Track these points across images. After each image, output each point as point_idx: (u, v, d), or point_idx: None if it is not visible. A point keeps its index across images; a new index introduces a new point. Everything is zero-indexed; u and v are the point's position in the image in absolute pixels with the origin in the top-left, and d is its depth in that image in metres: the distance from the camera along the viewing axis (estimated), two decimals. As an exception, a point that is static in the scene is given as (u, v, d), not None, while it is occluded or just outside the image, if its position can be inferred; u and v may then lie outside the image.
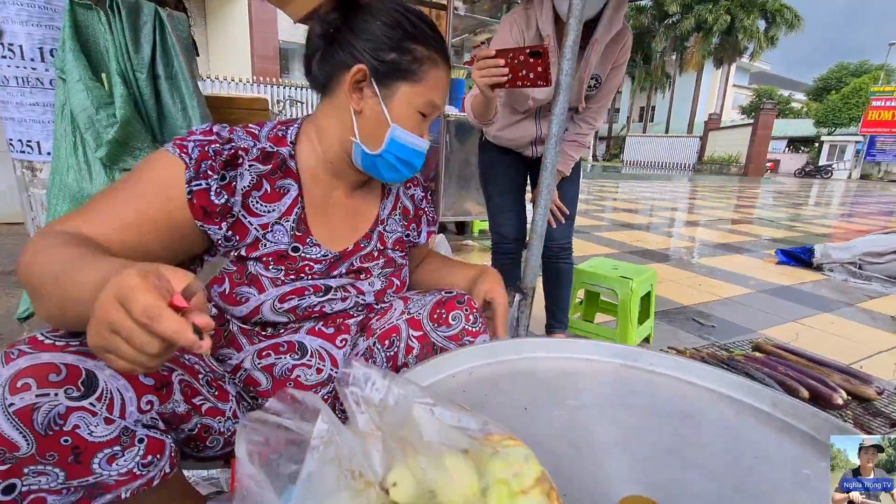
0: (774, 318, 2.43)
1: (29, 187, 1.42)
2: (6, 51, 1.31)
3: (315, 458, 0.29)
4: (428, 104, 0.75)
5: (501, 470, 0.38)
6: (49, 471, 0.49)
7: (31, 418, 0.46)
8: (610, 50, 1.42)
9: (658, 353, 0.78)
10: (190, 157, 0.67)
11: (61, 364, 0.49)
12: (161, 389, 0.59)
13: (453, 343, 0.80)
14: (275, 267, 0.74)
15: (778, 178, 23.22)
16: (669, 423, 0.63)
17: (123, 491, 0.56)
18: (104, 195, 0.65)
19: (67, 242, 0.54)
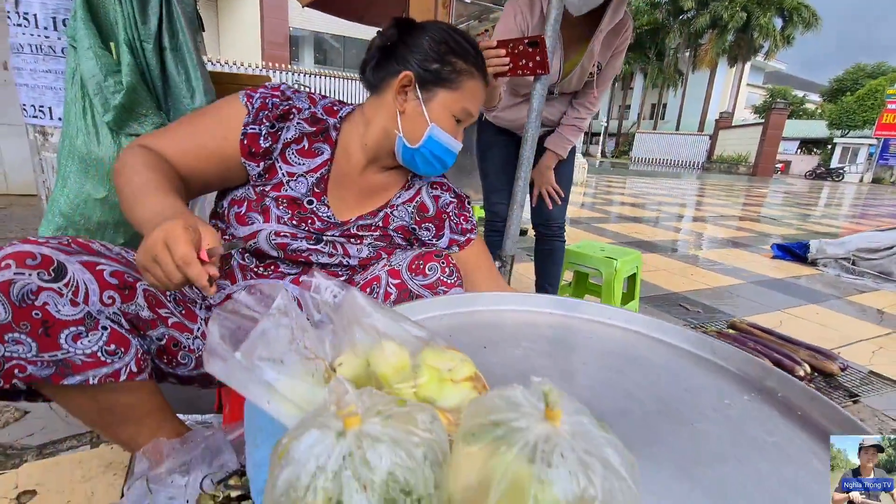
0: (761, 307, 2.48)
1: (41, 151, 1.50)
2: (21, 19, 1.38)
3: (270, 320, 0.35)
4: (463, 111, 0.86)
5: (434, 359, 0.45)
6: (24, 339, 0.60)
7: (9, 291, 0.58)
8: (611, 37, 1.46)
9: (615, 308, 0.84)
10: (252, 106, 0.82)
11: (38, 253, 0.61)
12: (123, 290, 0.69)
13: (428, 291, 0.86)
14: (285, 208, 0.85)
15: (788, 179, 22.98)
16: (614, 363, 0.70)
17: (91, 375, 0.66)
18: (182, 123, 0.82)
19: (148, 164, 0.72)
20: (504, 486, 0.24)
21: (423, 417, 0.28)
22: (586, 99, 1.61)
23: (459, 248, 0.99)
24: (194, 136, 0.80)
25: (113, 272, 0.68)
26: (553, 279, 1.84)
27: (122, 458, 1.01)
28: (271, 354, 0.35)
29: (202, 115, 0.83)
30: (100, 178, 1.32)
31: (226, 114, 0.82)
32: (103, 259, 0.69)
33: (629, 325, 0.82)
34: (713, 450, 0.51)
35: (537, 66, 1.09)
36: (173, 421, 0.85)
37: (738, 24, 24.22)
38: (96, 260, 0.67)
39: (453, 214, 0.99)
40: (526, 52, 1.08)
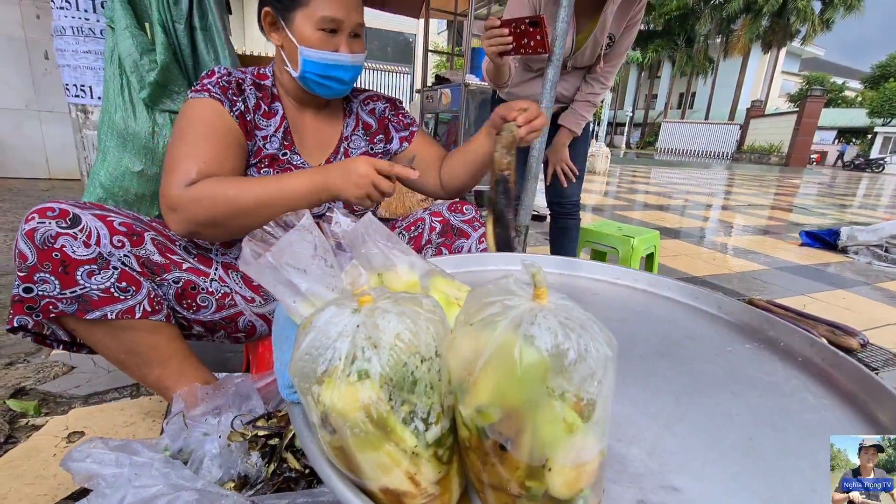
0: (785, 291, 2.43)
1: (82, 129, 1.59)
2: (63, 2, 1.47)
3: (296, 234, 0.40)
4: (322, 20, 0.84)
5: (442, 284, 0.49)
6: (49, 279, 0.71)
7: (34, 237, 0.70)
8: (625, 8, 1.45)
9: (623, 268, 0.86)
10: (219, 94, 0.87)
11: (57, 207, 0.72)
12: (132, 236, 0.78)
13: (467, 225, 0.98)
14: (267, 169, 0.92)
15: (823, 170, 22.06)
16: (617, 315, 0.72)
17: (109, 311, 0.76)
18: (190, 146, 0.83)
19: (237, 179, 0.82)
20: (492, 350, 0.27)
21: (428, 302, 0.32)
22: (600, 74, 1.61)
23: (409, 142, 1.08)
24: (215, 144, 0.83)
25: (122, 223, 0.78)
26: (568, 256, 1.85)
27: (159, 407, 1.09)
28: (296, 262, 0.39)
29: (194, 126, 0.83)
30: (136, 151, 1.40)
31: (206, 114, 0.84)
32: (114, 213, 0.79)
33: (636, 284, 0.84)
34: (709, 383, 0.54)
35: (538, 45, 1.12)
36: (198, 367, 0.92)
37: (773, 9, 23.21)
38: (107, 213, 0.78)
39: (392, 116, 1.08)
40: (527, 32, 1.11)
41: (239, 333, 0.99)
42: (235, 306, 0.94)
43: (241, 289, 0.95)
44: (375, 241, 0.43)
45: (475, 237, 0.97)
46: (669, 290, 0.81)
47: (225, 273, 0.93)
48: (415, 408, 0.29)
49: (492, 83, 1.52)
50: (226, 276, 0.93)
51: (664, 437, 0.44)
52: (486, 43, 1.20)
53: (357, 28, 0.88)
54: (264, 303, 0.98)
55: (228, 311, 0.93)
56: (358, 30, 0.88)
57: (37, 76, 3.49)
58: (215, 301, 0.91)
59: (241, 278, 0.95)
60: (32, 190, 3.31)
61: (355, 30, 0.88)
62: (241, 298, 0.94)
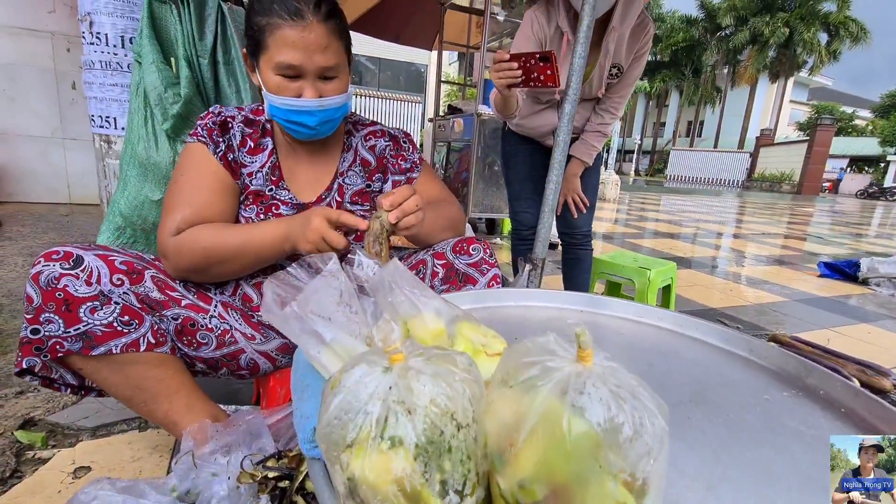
0: (806, 324, 2.36)
1: (105, 158, 1.62)
2: (94, 38, 1.53)
3: (322, 280, 0.39)
4: (279, 66, 0.80)
5: (469, 331, 0.47)
6: (53, 318, 0.72)
7: (39, 280, 0.72)
8: (632, 40, 1.47)
9: (646, 306, 0.84)
10: (205, 137, 0.89)
11: (62, 250, 0.75)
12: (132, 274, 0.80)
13: (474, 269, 0.92)
14: (252, 206, 0.92)
15: (837, 198, 21.86)
16: (644, 357, 0.70)
17: (113, 345, 0.76)
18: (178, 193, 0.86)
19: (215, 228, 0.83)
20: (537, 418, 0.25)
21: (462, 360, 0.30)
22: (609, 104, 1.62)
23: (408, 183, 1.03)
24: (198, 190, 0.86)
25: (123, 261, 0.80)
26: (580, 288, 1.82)
27: (167, 441, 1.06)
28: (321, 311, 0.38)
29: (184, 174, 0.87)
30: (156, 181, 1.42)
31: (196, 159, 0.88)
32: (117, 253, 0.81)
33: (661, 323, 0.81)
34: (749, 437, 0.51)
35: (548, 80, 1.12)
36: (206, 401, 0.90)
37: (779, 40, 23.56)
38: (109, 253, 0.80)
39: (390, 157, 1.03)
40: (537, 66, 1.12)
41: (242, 371, 0.98)
42: (236, 343, 0.93)
43: (240, 326, 0.93)
44: (402, 288, 0.42)
45: (483, 283, 0.92)
46: (697, 331, 0.78)
47: (224, 310, 0.92)
48: (449, 478, 0.27)
49: (500, 114, 1.54)
50: (225, 312, 0.92)
51: (708, 502, 0.41)
52: (494, 75, 1.21)
53: (325, 70, 0.82)
54: (265, 340, 0.97)
55: (229, 349, 0.92)
56: (328, 72, 0.83)
57: (64, 105, 3.61)
58: (215, 338, 0.90)
59: (240, 315, 0.94)
60: (53, 215, 3.38)
61: (324, 73, 0.83)
62: (241, 335, 0.93)
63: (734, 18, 25.04)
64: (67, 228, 3.03)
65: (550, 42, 1.51)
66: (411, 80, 16.55)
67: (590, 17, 1.06)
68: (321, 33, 0.79)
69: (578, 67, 1.09)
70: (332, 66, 0.83)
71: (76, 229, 3.03)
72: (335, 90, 0.85)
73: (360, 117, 1.07)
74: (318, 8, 0.80)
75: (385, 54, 15.75)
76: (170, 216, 0.84)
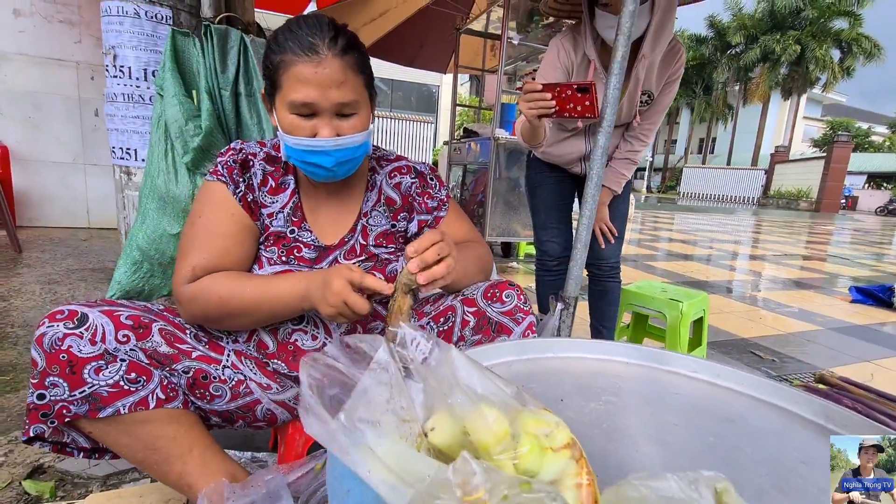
0: (845, 356, 2.24)
1: (124, 189, 1.61)
2: (118, 71, 1.53)
3: (371, 377, 0.33)
4: (292, 105, 0.76)
5: (533, 425, 0.41)
6: (59, 382, 0.68)
7: (43, 343, 0.68)
8: (663, 66, 1.43)
9: (696, 358, 0.77)
10: (225, 176, 0.84)
11: (66, 309, 0.71)
12: (138, 329, 0.75)
13: (507, 318, 0.86)
14: (272, 248, 0.87)
15: (855, 215, 21.42)
16: (708, 424, 0.62)
17: (121, 405, 0.71)
18: (196, 234, 0.83)
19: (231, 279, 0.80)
20: None
21: (557, 506, 0.24)
22: (639, 130, 1.57)
23: (430, 228, 0.97)
24: (216, 236, 0.83)
25: (129, 316, 0.76)
26: (608, 321, 1.75)
27: (179, 495, 1.00)
28: (370, 416, 0.32)
29: (202, 215, 0.84)
30: (175, 214, 1.40)
31: (214, 200, 0.84)
32: (122, 308, 0.77)
33: (719, 381, 0.74)
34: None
35: (586, 111, 1.08)
36: (222, 458, 0.84)
37: (791, 58, 23.49)
38: (115, 308, 0.75)
39: (416, 195, 0.97)
40: (574, 97, 1.08)
41: (259, 422, 0.92)
42: (251, 394, 0.87)
43: (255, 375, 0.88)
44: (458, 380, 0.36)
45: (518, 331, 0.86)
46: (759, 391, 0.70)
47: (238, 359, 0.87)
48: None
49: (527, 143, 1.49)
50: (238, 361, 0.87)
51: None
52: (525, 105, 1.17)
53: (342, 107, 0.78)
54: (282, 389, 0.91)
55: (244, 400, 0.87)
56: (345, 108, 0.78)
57: (86, 132, 3.68)
58: (229, 389, 0.85)
59: (255, 364, 0.89)
60: (72, 240, 3.41)
61: (340, 109, 0.78)
62: (256, 386, 0.88)
63: (744, 37, 25.08)
64: (85, 254, 3.04)
65: (577, 70, 1.48)
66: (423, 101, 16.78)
67: (624, 48, 1.02)
68: (336, 68, 0.75)
69: (613, 99, 1.04)
70: (348, 102, 0.78)
71: (94, 255, 3.04)
72: (353, 128, 0.80)
73: (385, 152, 1.02)
74: (333, 42, 0.76)
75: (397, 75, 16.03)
76: (185, 261, 0.81)
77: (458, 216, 1.02)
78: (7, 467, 1.07)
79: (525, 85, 1.17)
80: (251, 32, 1.61)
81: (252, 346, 0.91)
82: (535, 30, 3.58)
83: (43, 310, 2.03)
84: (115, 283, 1.40)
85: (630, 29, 1.01)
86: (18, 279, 2.42)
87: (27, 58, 3.47)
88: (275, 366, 0.90)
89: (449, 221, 0.99)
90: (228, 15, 1.54)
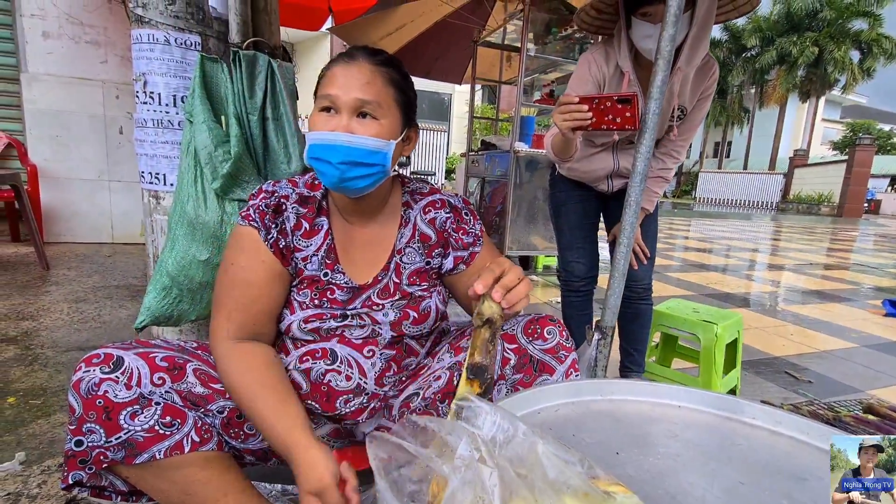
0: (884, 376, 2.15)
1: (152, 213, 1.62)
2: (147, 98, 1.54)
3: (457, 478, 0.31)
4: (319, 100, 0.79)
5: (615, 512, 0.38)
6: (95, 428, 0.68)
7: (80, 388, 0.68)
8: (697, 80, 1.40)
9: (758, 405, 0.73)
10: (256, 221, 0.83)
11: (102, 352, 0.71)
12: (173, 371, 0.76)
13: (549, 356, 0.83)
14: (305, 290, 0.86)
15: (879, 220, 20.85)
16: (778, 484, 0.59)
17: (156, 451, 0.70)
18: (230, 287, 0.82)
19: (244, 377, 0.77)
20: None
21: None
22: (671, 147, 1.53)
23: (466, 266, 0.94)
24: (246, 285, 0.82)
25: (164, 357, 0.76)
26: (639, 344, 1.70)
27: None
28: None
29: (234, 263, 0.83)
30: (204, 240, 1.40)
31: (247, 245, 0.83)
32: (157, 349, 0.76)
33: (780, 429, 0.70)
34: None
35: (626, 122, 1.04)
36: (258, 501, 0.82)
37: (808, 60, 23.08)
38: (150, 350, 0.75)
39: (452, 231, 0.95)
40: (614, 108, 1.05)
41: None
42: None
43: None
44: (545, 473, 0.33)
45: (562, 370, 0.83)
46: (825, 441, 0.66)
47: None
48: None
49: (557, 157, 1.46)
50: None
51: None
52: (559, 118, 1.14)
53: (362, 104, 0.77)
54: (315, 426, 0.90)
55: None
56: (366, 107, 0.77)
57: (111, 149, 3.76)
58: None
59: None
60: (97, 256, 3.47)
61: (360, 107, 0.77)
62: None
63: (760, 39, 24.74)
64: (111, 270, 3.08)
65: (609, 83, 1.45)
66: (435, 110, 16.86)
67: (664, 73, 0.99)
68: (365, 70, 0.78)
69: (653, 124, 1.01)
70: (369, 100, 0.77)
71: (118, 271, 3.08)
72: (368, 130, 0.78)
73: (419, 185, 1.00)
74: (372, 55, 0.81)
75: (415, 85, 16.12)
76: (220, 312, 0.81)
77: (491, 250, 0.99)
78: (41, 500, 1.06)
79: (562, 98, 1.14)
80: (277, 56, 1.62)
81: None
82: (552, 42, 3.57)
83: (70, 329, 2.05)
84: (144, 309, 1.40)
85: (671, 53, 0.99)
86: (47, 297, 2.46)
87: (55, 78, 3.56)
88: (308, 406, 0.88)
89: (483, 256, 0.97)
90: (256, 40, 1.55)
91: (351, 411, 0.88)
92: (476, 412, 0.41)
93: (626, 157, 1.57)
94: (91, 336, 2.01)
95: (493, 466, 0.37)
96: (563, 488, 0.34)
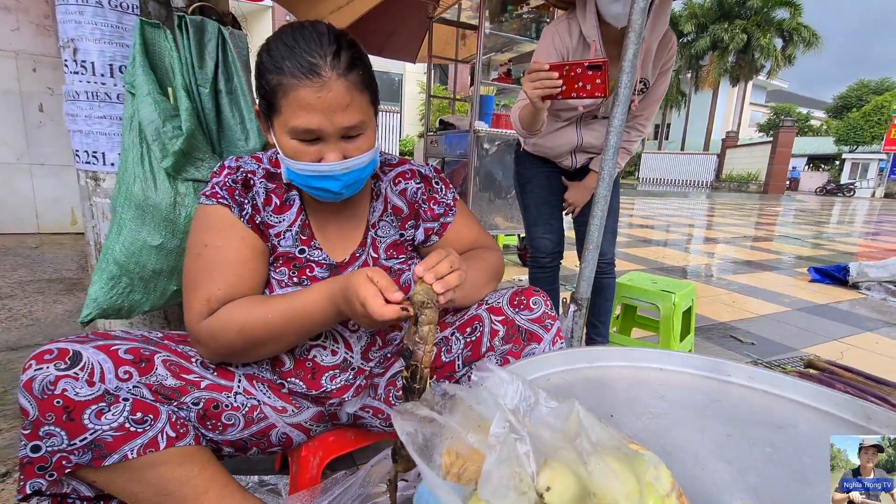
0: (815, 336, 2.38)
1: (92, 196, 1.48)
2: (79, 67, 1.38)
3: (494, 457, 0.30)
4: (295, 131, 0.70)
5: (649, 473, 0.38)
6: (54, 430, 0.62)
7: (32, 388, 0.61)
8: (658, 54, 1.43)
9: (732, 363, 0.77)
10: (227, 199, 0.78)
11: (55, 347, 0.64)
12: (140, 363, 0.70)
13: (537, 325, 0.84)
14: (282, 269, 0.82)
15: (798, 196, 22.85)
16: (761, 434, 0.63)
17: (128, 450, 0.65)
18: (205, 269, 0.75)
19: (253, 303, 0.74)
20: None
21: None
22: (636, 120, 1.57)
23: (439, 237, 0.93)
24: (228, 264, 0.76)
25: (128, 349, 0.69)
26: (604, 315, 1.77)
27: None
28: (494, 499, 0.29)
29: (208, 244, 0.77)
30: (155, 224, 1.29)
31: (220, 225, 0.77)
32: (119, 341, 0.70)
33: (754, 384, 0.75)
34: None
35: (596, 89, 1.04)
36: (241, 495, 0.79)
37: (738, 46, 24.55)
38: (111, 343, 0.69)
39: (422, 202, 0.92)
40: (584, 75, 1.04)
41: (273, 448, 0.87)
42: (266, 419, 0.82)
43: (269, 399, 0.83)
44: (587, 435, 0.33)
45: (549, 338, 0.84)
46: (797, 393, 0.71)
47: (249, 383, 0.82)
48: None
49: (524, 130, 1.44)
50: (251, 386, 0.81)
51: None
52: (529, 86, 1.13)
53: (348, 130, 0.72)
54: (297, 411, 0.86)
55: (259, 426, 0.82)
56: (352, 131, 0.72)
57: (30, 129, 3.37)
58: (242, 417, 0.79)
59: (268, 387, 0.83)
60: (21, 248, 3.13)
61: (346, 132, 0.72)
62: (270, 409, 0.83)
63: (695, 25, 25.99)
64: (39, 263, 2.80)
65: (573, 53, 1.45)
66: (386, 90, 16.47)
67: (636, 46, 1.00)
68: (341, 91, 0.68)
69: (624, 98, 1.02)
70: (355, 124, 0.71)
71: (48, 264, 2.80)
72: (360, 148, 0.74)
73: (388, 156, 0.95)
74: (336, 60, 0.68)
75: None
76: (196, 295, 0.73)
77: (466, 220, 0.97)
78: (-16, 515, 0.96)
79: (532, 65, 1.13)
80: (227, 23, 1.49)
81: (265, 366, 0.85)
82: (508, 20, 3.55)
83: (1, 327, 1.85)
84: (90, 301, 1.28)
85: (642, 26, 1.00)
86: (-36, 295, 2.20)
87: (-45, 47, 3.13)
88: (290, 385, 0.84)
89: (456, 227, 0.95)
90: (202, 5, 1.42)
91: (336, 388, 0.85)
92: (497, 381, 0.40)
93: (589, 132, 1.59)
94: (24, 335, 1.82)
95: (525, 435, 0.37)
96: (606, 450, 0.34)
